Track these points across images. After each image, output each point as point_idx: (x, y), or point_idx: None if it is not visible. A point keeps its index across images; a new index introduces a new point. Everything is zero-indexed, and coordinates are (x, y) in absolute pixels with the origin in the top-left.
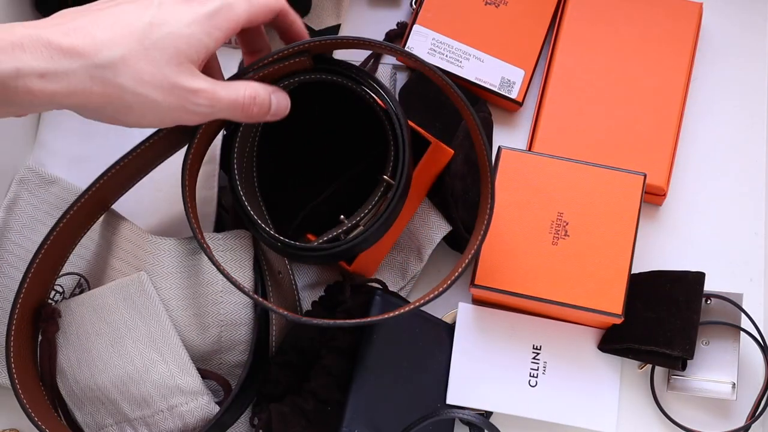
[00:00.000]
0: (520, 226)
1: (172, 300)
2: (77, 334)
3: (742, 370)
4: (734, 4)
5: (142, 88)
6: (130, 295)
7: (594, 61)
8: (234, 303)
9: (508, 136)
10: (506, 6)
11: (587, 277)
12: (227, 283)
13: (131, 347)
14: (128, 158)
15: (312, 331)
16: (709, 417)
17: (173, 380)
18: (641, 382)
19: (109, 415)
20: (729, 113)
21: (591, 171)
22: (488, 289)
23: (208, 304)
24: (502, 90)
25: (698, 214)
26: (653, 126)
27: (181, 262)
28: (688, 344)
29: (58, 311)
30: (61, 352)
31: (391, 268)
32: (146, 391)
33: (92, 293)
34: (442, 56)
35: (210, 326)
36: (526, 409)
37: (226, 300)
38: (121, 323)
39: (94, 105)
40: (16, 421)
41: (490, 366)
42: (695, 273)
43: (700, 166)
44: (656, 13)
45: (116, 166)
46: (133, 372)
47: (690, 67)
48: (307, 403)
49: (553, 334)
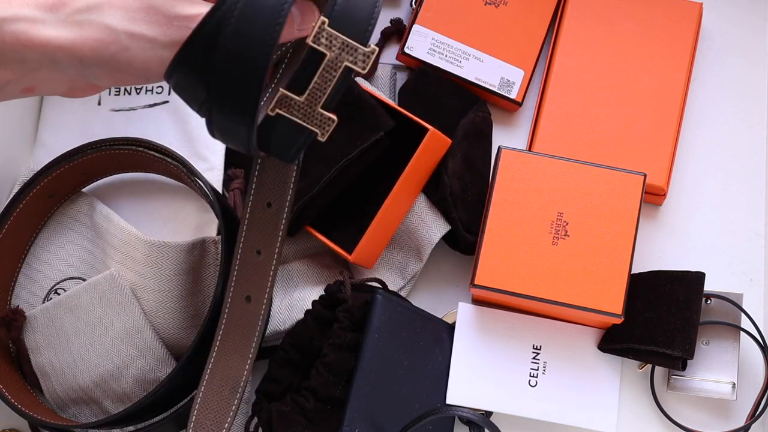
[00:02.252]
0: (520, 226)
1: (168, 302)
2: (57, 336)
3: (742, 370)
4: (734, 5)
5: (135, 25)
6: (103, 292)
7: (594, 61)
8: None
9: (508, 136)
10: (506, 6)
11: (587, 277)
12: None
13: (109, 344)
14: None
15: (312, 329)
16: (709, 417)
17: (153, 374)
18: (641, 382)
19: (93, 415)
20: (729, 113)
21: (591, 171)
22: (488, 289)
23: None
24: (501, 90)
25: (698, 214)
26: (653, 126)
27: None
28: (688, 344)
29: (21, 314)
30: (43, 356)
31: (391, 267)
32: (127, 387)
33: (68, 294)
34: (441, 56)
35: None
36: (526, 409)
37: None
38: (97, 321)
39: (91, 54)
40: (16, 421)
41: (490, 366)
42: (695, 273)
43: (700, 166)
44: (656, 13)
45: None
46: (113, 369)
47: (690, 67)
48: (308, 401)
49: (553, 334)
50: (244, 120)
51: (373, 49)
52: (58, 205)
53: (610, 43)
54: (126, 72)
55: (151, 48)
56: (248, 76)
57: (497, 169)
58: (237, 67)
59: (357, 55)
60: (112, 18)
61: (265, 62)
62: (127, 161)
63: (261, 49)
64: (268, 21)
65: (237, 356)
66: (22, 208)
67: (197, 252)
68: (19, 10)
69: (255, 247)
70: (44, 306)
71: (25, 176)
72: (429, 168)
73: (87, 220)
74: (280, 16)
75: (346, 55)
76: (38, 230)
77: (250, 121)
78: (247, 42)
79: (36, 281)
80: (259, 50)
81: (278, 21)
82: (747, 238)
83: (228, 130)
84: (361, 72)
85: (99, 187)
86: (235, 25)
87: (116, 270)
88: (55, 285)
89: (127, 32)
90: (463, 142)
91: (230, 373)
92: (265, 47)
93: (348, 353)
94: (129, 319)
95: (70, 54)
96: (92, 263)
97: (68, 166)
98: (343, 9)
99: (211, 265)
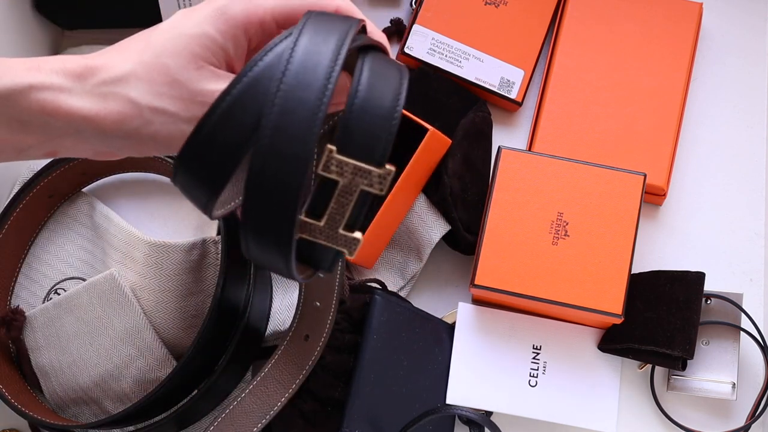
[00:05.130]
0: (520, 226)
1: (168, 302)
2: (57, 336)
3: (742, 370)
4: (734, 5)
5: (158, 100)
6: (103, 292)
7: (594, 61)
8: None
9: (508, 136)
10: (506, 6)
11: (587, 277)
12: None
13: (108, 344)
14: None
15: None
16: (709, 417)
17: (153, 374)
18: (641, 382)
19: (93, 415)
20: (729, 113)
21: (591, 171)
22: (488, 289)
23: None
24: (501, 90)
25: (698, 214)
26: (653, 126)
27: (179, 265)
28: (688, 344)
29: (21, 314)
30: (43, 356)
31: (391, 267)
32: (127, 387)
33: (67, 294)
34: (441, 56)
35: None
36: (526, 409)
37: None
38: (97, 321)
39: (113, 127)
40: (16, 421)
41: (490, 366)
42: (695, 273)
43: (700, 166)
44: (656, 13)
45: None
46: (113, 369)
47: (690, 67)
48: (306, 403)
49: (553, 334)
50: (280, 249)
51: (389, 171)
52: (58, 205)
53: (610, 43)
54: (148, 145)
55: (173, 123)
56: (284, 196)
57: (497, 169)
58: (274, 187)
59: (372, 179)
60: (137, 92)
61: (302, 178)
62: (127, 161)
63: (298, 167)
64: (306, 129)
65: (278, 385)
66: (22, 208)
67: (197, 252)
68: (47, 78)
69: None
70: (44, 306)
71: (25, 176)
72: (429, 168)
73: (87, 220)
74: (316, 123)
75: (360, 179)
76: (38, 230)
77: (287, 251)
78: (285, 154)
79: (36, 281)
80: (296, 168)
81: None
82: (747, 238)
83: (263, 258)
84: (380, 194)
85: (99, 187)
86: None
87: (116, 270)
88: (55, 285)
89: (150, 107)
90: (463, 142)
91: (265, 398)
92: (302, 164)
93: (347, 354)
94: (129, 319)
95: (93, 126)
96: (92, 263)
97: (68, 166)
98: (351, 133)
99: (211, 265)
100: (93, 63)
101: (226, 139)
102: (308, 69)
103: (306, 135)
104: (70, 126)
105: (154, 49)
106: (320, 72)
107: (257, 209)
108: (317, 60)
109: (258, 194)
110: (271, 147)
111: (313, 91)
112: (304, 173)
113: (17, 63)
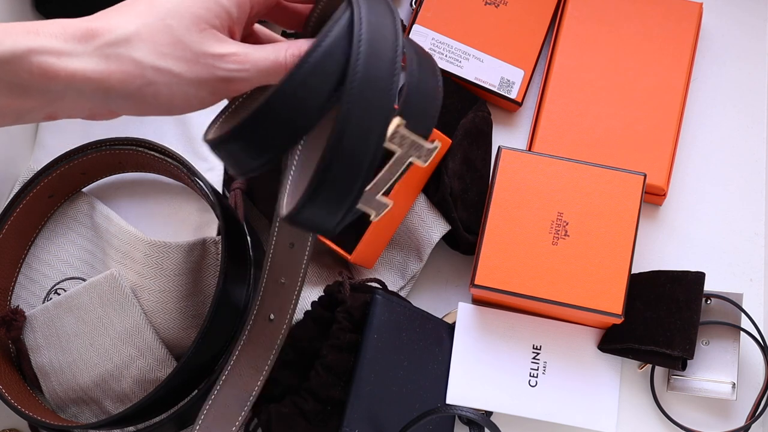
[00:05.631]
0: (520, 226)
1: (168, 302)
2: (57, 336)
3: (742, 370)
4: (734, 5)
5: (162, 60)
6: (103, 292)
7: (594, 61)
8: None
9: (508, 136)
10: (506, 6)
11: (587, 277)
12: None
13: (109, 344)
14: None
15: (311, 330)
16: (709, 417)
17: (153, 374)
18: (641, 382)
19: (93, 415)
20: (729, 113)
21: (591, 171)
22: (488, 289)
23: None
24: (501, 90)
25: (698, 214)
26: (653, 126)
27: (179, 265)
28: (688, 344)
29: (21, 314)
30: (44, 356)
31: (391, 267)
32: (127, 387)
33: (68, 294)
34: (441, 56)
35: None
36: (526, 409)
37: None
38: (97, 321)
39: (117, 87)
40: (16, 421)
41: (490, 366)
42: (695, 273)
43: (700, 166)
44: (656, 13)
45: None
46: (113, 369)
47: (690, 67)
48: (307, 403)
49: (553, 334)
50: (347, 198)
51: (437, 146)
52: (58, 205)
53: (610, 43)
54: (150, 105)
55: (176, 83)
56: (360, 159)
57: (497, 169)
58: (353, 149)
59: (422, 152)
60: (141, 52)
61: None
62: (127, 161)
63: (375, 133)
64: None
65: (251, 370)
66: (22, 208)
67: (197, 252)
68: (47, 41)
69: (278, 279)
70: (44, 306)
71: (25, 176)
72: (429, 168)
73: (87, 220)
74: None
75: (413, 151)
76: (38, 230)
77: (353, 200)
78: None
79: (36, 281)
80: (374, 134)
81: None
82: (747, 238)
83: (324, 206)
84: (423, 165)
85: (99, 187)
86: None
87: (116, 270)
88: (55, 285)
89: (154, 67)
90: (463, 142)
91: (242, 386)
92: (378, 138)
93: (347, 354)
94: (129, 319)
95: (96, 86)
96: (92, 263)
97: (68, 166)
98: (413, 108)
99: (211, 266)
100: (94, 25)
101: (317, 86)
102: (379, 40)
103: (388, 85)
104: (71, 87)
105: (158, 11)
106: (390, 41)
107: (345, 145)
108: (384, 34)
109: (347, 133)
110: (360, 94)
111: (388, 55)
112: (387, 122)
113: (16, 27)
